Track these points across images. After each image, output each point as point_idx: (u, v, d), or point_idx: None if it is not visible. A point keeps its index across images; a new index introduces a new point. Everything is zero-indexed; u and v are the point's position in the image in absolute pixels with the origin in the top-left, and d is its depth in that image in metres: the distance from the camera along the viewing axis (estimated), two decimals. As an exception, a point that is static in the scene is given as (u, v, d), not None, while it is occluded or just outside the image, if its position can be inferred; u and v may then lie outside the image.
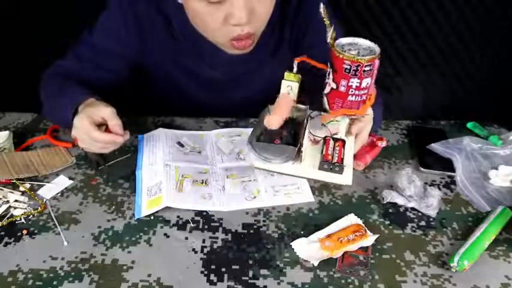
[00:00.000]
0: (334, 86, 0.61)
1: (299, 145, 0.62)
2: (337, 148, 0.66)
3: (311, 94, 0.67)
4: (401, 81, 1.38)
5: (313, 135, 0.69)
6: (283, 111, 0.63)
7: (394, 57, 1.33)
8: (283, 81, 0.65)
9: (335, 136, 0.68)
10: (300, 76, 0.65)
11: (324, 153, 0.65)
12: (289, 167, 0.64)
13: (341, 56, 0.58)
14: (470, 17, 1.25)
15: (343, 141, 0.67)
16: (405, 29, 1.28)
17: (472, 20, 1.25)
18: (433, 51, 1.32)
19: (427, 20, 1.26)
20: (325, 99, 0.64)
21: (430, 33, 1.28)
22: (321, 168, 0.65)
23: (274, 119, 0.62)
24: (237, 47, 0.78)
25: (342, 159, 0.65)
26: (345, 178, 0.65)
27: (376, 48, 0.59)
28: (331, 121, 0.68)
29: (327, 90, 0.63)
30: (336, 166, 0.64)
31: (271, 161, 0.63)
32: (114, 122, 0.73)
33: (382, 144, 0.83)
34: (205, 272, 0.62)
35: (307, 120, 0.66)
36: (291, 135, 0.64)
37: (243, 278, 0.62)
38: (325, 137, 0.68)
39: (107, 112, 0.73)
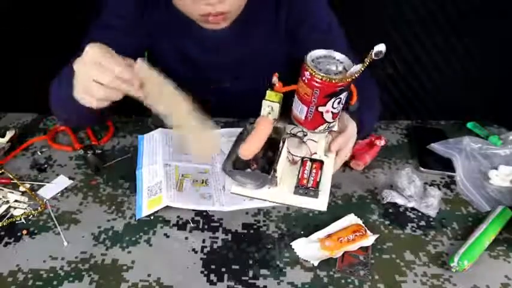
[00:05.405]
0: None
1: (272, 171, 0.60)
2: (314, 171, 0.63)
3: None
4: (401, 81, 1.38)
5: (292, 154, 0.67)
6: (257, 141, 0.60)
7: (393, 57, 1.33)
8: (263, 101, 0.63)
9: (313, 157, 0.66)
10: (281, 95, 0.63)
11: (299, 176, 0.63)
12: (265, 192, 0.62)
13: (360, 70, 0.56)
14: (471, 17, 1.25)
15: (321, 163, 0.65)
16: (404, 29, 1.28)
17: (472, 20, 1.25)
18: (433, 51, 1.32)
19: (427, 19, 1.26)
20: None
21: (430, 33, 1.28)
22: (296, 192, 0.62)
23: (247, 150, 0.59)
24: (210, 22, 0.77)
25: (318, 183, 0.62)
26: (319, 203, 0.62)
27: (342, 58, 0.59)
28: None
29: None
30: (310, 191, 0.62)
31: (246, 186, 0.61)
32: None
33: (381, 143, 0.83)
34: (205, 272, 0.62)
35: (283, 143, 0.63)
36: (266, 159, 0.62)
37: (243, 278, 0.62)
38: (303, 158, 0.66)
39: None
